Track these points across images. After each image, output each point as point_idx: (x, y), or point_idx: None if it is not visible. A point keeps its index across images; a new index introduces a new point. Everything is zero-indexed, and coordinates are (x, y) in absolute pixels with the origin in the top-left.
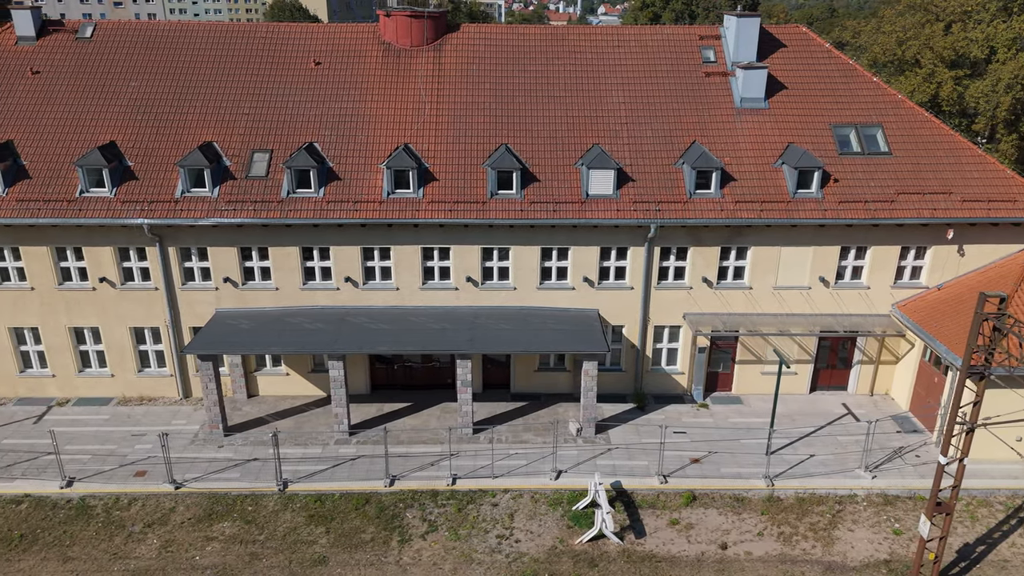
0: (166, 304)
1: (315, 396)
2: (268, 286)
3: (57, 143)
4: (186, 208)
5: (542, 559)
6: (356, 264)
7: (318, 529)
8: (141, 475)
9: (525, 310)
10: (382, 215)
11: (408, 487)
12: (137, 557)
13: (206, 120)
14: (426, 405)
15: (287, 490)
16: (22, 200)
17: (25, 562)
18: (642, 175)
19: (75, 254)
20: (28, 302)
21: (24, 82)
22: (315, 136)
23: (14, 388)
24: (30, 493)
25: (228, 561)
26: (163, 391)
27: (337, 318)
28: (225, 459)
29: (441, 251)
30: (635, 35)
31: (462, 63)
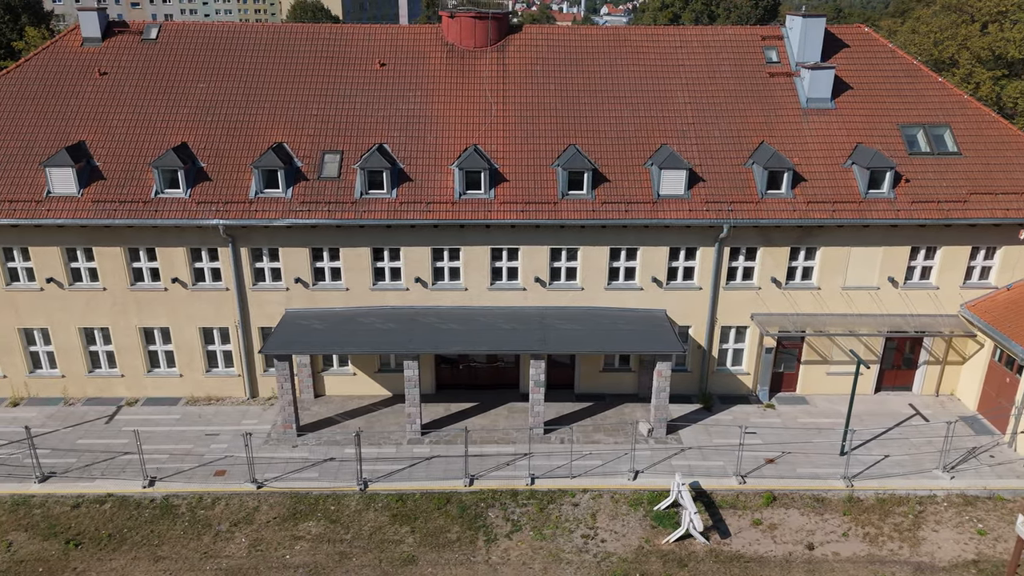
0: (236, 304)
1: (381, 396)
2: (338, 286)
3: (128, 144)
4: (261, 209)
5: (630, 559)
6: (426, 265)
7: (403, 528)
8: (221, 474)
9: (592, 310)
10: (455, 216)
11: (487, 487)
12: (228, 556)
13: (275, 121)
14: (492, 405)
15: (368, 490)
16: (98, 201)
17: (116, 561)
18: (712, 175)
19: (147, 255)
20: (100, 302)
21: (92, 83)
22: (384, 137)
23: (83, 388)
24: (113, 493)
25: (318, 560)
26: (230, 391)
27: (407, 318)
28: (301, 459)
29: (510, 252)
30: (697, 36)
31: (526, 64)
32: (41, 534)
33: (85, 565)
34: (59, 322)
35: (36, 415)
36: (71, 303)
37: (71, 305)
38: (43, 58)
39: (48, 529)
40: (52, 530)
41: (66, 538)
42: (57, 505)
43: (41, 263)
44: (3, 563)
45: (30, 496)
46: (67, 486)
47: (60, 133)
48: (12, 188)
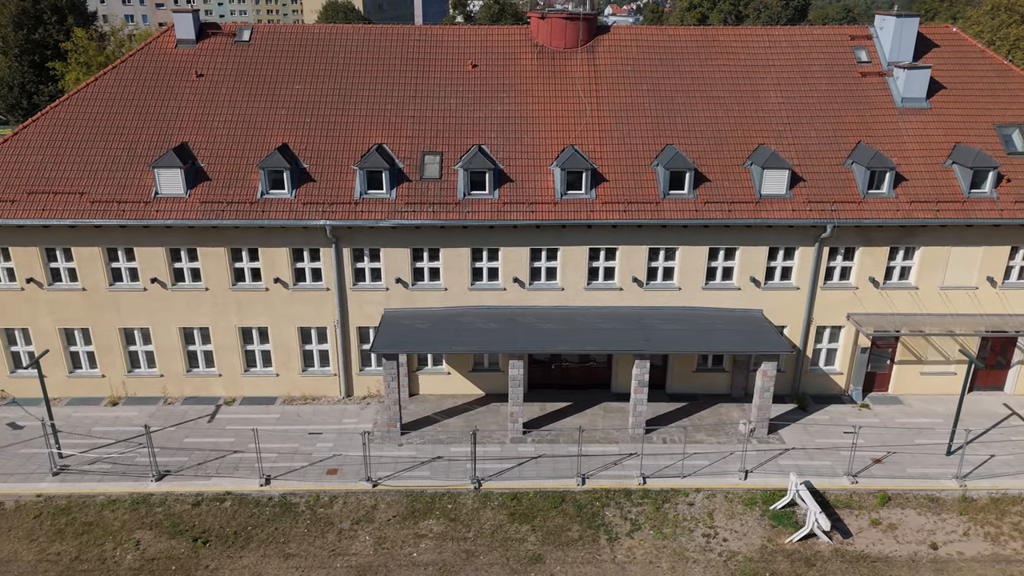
0: (337, 304)
1: (475, 395)
2: (437, 286)
3: (230, 145)
4: (366, 210)
5: (756, 558)
6: (524, 265)
7: (523, 527)
8: (333, 473)
9: (690, 310)
10: (557, 216)
11: (600, 486)
12: (355, 553)
13: (373, 122)
14: (587, 405)
15: (482, 488)
16: (206, 202)
17: (246, 559)
18: (811, 175)
19: (250, 255)
20: (201, 302)
21: (190, 85)
22: (482, 138)
23: (180, 387)
24: (231, 491)
25: (445, 558)
26: (325, 390)
27: (506, 318)
28: (409, 457)
29: (608, 251)
30: (785, 36)
31: (616, 64)
32: (167, 532)
33: (216, 563)
34: (160, 322)
35: (137, 414)
36: (173, 303)
37: (173, 305)
38: (138, 59)
39: (172, 527)
40: (176, 528)
41: (193, 536)
42: (177, 503)
43: (146, 264)
44: (135, 561)
45: (149, 495)
46: (184, 484)
47: (162, 134)
48: (120, 189)
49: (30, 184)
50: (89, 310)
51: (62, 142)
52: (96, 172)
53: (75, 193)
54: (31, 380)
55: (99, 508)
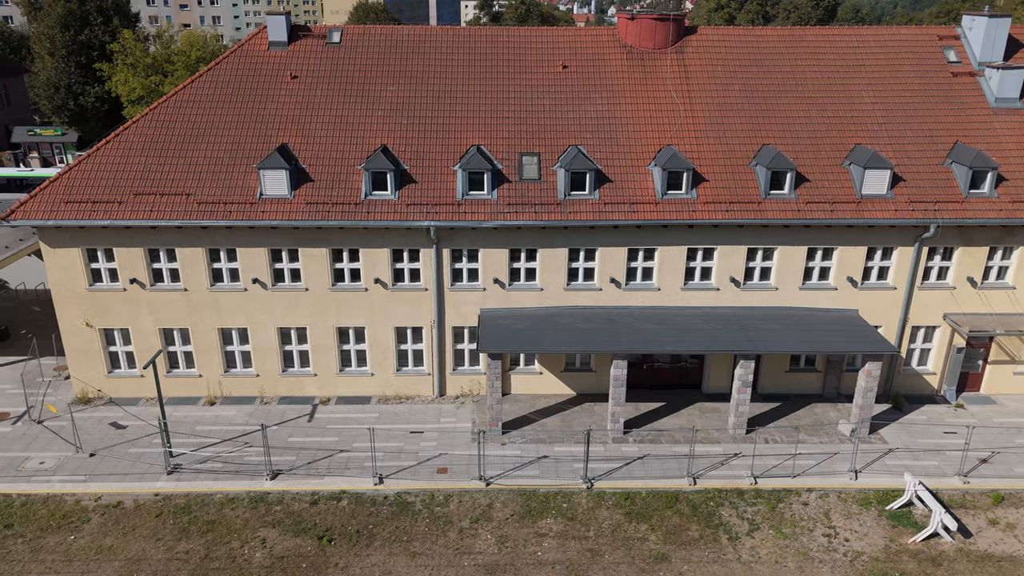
0: (434, 304)
1: (566, 395)
2: (533, 287)
3: (329, 147)
4: (468, 211)
5: (881, 558)
6: (621, 265)
7: (641, 526)
8: (443, 472)
9: (787, 310)
10: (658, 216)
11: (711, 485)
12: (479, 552)
13: (469, 123)
14: (680, 405)
15: (594, 488)
16: (311, 203)
17: (373, 557)
18: (910, 175)
19: (350, 256)
20: (301, 303)
21: (285, 87)
22: (577, 139)
23: (276, 387)
24: (346, 490)
25: (570, 557)
26: (419, 389)
27: (604, 318)
28: (515, 456)
29: (705, 251)
30: (873, 36)
31: (707, 65)
32: (290, 530)
33: (345, 561)
34: (259, 322)
35: (237, 414)
36: (272, 304)
37: (272, 306)
38: (233, 62)
39: (294, 525)
40: (299, 526)
41: (316, 534)
42: (295, 502)
43: (247, 264)
44: (264, 559)
45: (265, 493)
46: (298, 483)
47: (262, 136)
48: (225, 190)
49: (136, 185)
50: (189, 310)
51: (163, 143)
52: (200, 173)
53: (181, 194)
54: (127, 380)
55: (218, 506)
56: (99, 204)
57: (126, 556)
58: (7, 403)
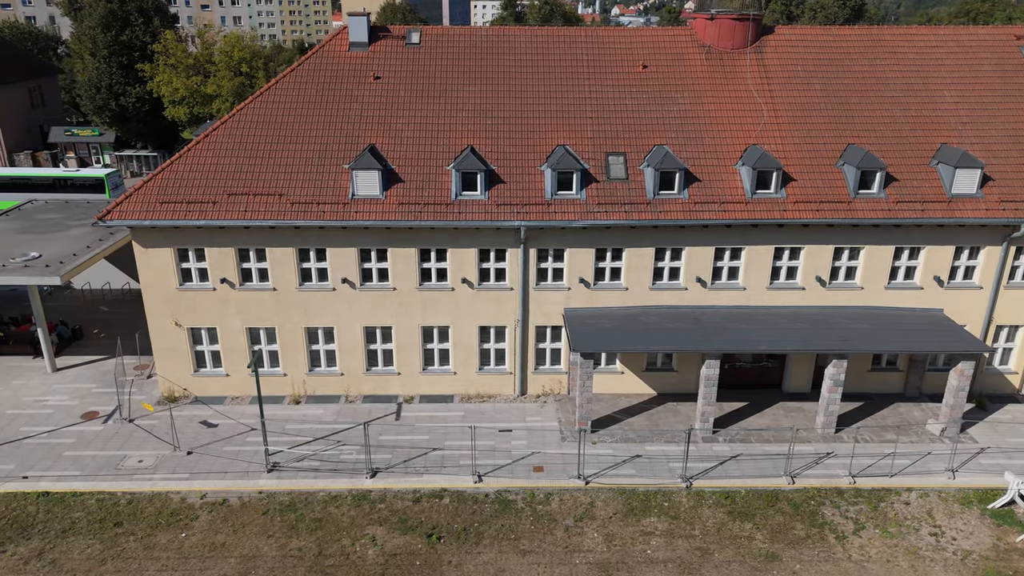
0: (519, 303)
1: (647, 394)
2: (618, 286)
3: (416, 147)
4: (558, 210)
5: (992, 557)
6: (708, 264)
7: (746, 525)
8: (540, 470)
9: (872, 310)
10: (748, 215)
11: (810, 485)
12: (589, 550)
13: (552, 123)
14: (763, 404)
15: (693, 487)
16: (403, 203)
17: (484, 555)
18: (998, 174)
19: (437, 255)
20: (387, 302)
21: (368, 88)
22: (662, 139)
23: (359, 386)
24: (447, 488)
25: (681, 555)
26: (500, 389)
27: (690, 317)
28: (608, 455)
29: (792, 251)
30: (951, 35)
31: (786, 64)
32: (397, 528)
33: (457, 558)
34: (345, 321)
35: (324, 412)
36: (359, 303)
37: (358, 305)
38: (315, 63)
39: (400, 523)
40: (405, 524)
41: (424, 532)
42: (397, 500)
43: (337, 264)
44: (377, 556)
45: (367, 491)
46: (398, 481)
47: (349, 136)
48: (317, 190)
49: (229, 186)
50: (277, 310)
51: (253, 144)
52: (291, 173)
53: (274, 194)
54: (212, 379)
55: (323, 504)
56: (194, 204)
57: (240, 553)
58: (94, 402)
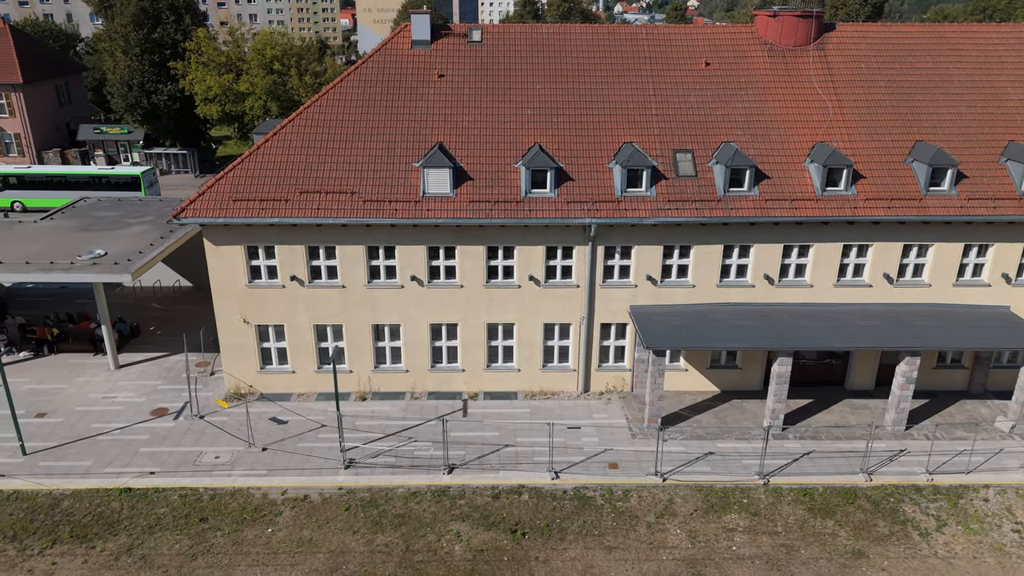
0: (585, 301)
1: (710, 391)
2: (684, 283)
3: (483, 145)
4: (628, 207)
5: None
6: (776, 261)
7: (827, 522)
8: (615, 467)
9: (939, 307)
10: (819, 213)
11: (887, 482)
12: (673, 547)
13: (618, 120)
14: (828, 401)
15: (770, 484)
16: (473, 201)
17: (570, 551)
18: None
19: (504, 253)
20: (454, 299)
21: (432, 86)
22: (729, 136)
23: (424, 383)
24: (524, 484)
25: (766, 552)
26: (563, 386)
27: (760, 315)
28: (681, 452)
29: (860, 248)
30: (1013, 32)
31: (849, 62)
32: (481, 524)
33: (544, 555)
34: (412, 319)
35: (391, 409)
36: (426, 300)
37: (426, 302)
38: (378, 60)
39: (482, 519)
40: (487, 520)
41: (508, 528)
42: (476, 496)
43: (406, 262)
44: (464, 552)
45: (446, 487)
46: (475, 477)
47: (416, 134)
48: (388, 188)
49: (300, 183)
50: (345, 307)
51: (321, 142)
52: (362, 171)
53: (346, 192)
54: (277, 376)
55: (403, 500)
56: (266, 202)
57: (328, 549)
58: (161, 399)
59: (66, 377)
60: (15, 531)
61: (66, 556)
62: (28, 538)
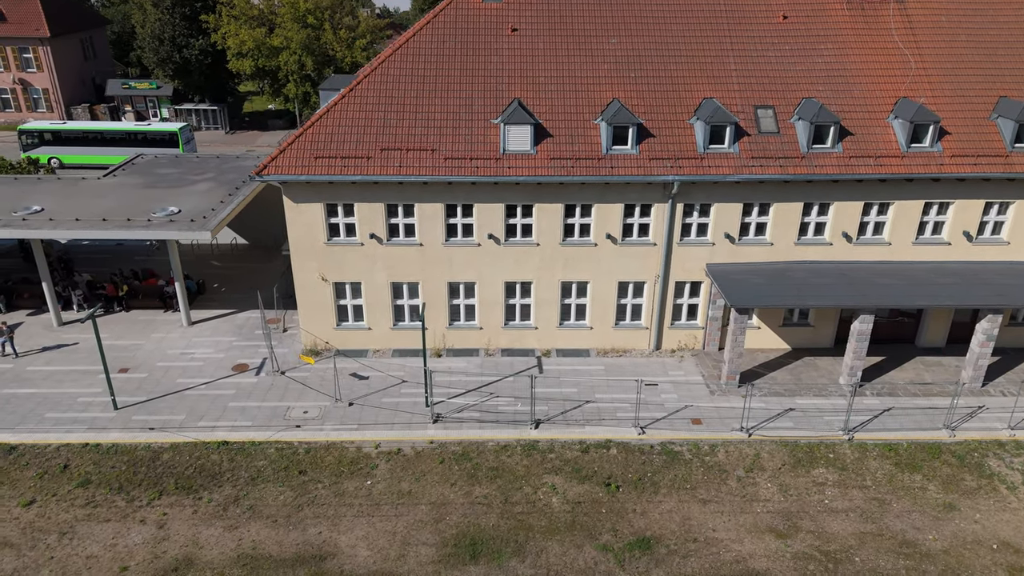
0: (662, 259)
1: (781, 349)
2: (762, 241)
3: (560, 100)
4: (711, 164)
5: None
6: (855, 218)
7: (915, 476)
8: (698, 423)
9: (1015, 265)
10: (904, 170)
11: (969, 437)
12: (767, 500)
13: (697, 76)
14: (900, 359)
15: (854, 439)
16: (555, 158)
17: (665, 504)
18: None
19: (582, 211)
20: (530, 257)
21: (506, 40)
22: (810, 91)
23: (498, 340)
24: (611, 439)
25: (858, 505)
26: (635, 343)
27: (837, 273)
28: (761, 408)
29: (940, 205)
30: None
31: (930, 15)
32: (573, 477)
33: (641, 507)
34: (487, 276)
35: (467, 365)
36: (502, 258)
37: (501, 260)
38: (449, 14)
39: (574, 473)
40: (579, 474)
41: (601, 481)
42: (565, 450)
43: (484, 220)
44: (562, 503)
45: (535, 441)
46: (561, 432)
47: (492, 90)
48: (468, 145)
49: (380, 141)
50: (422, 265)
51: (398, 98)
52: (441, 128)
53: (427, 149)
54: (353, 333)
55: (495, 454)
56: (348, 160)
57: (428, 500)
58: (239, 355)
59: (141, 333)
60: (120, 483)
61: (175, 507)
62: (134, 489)
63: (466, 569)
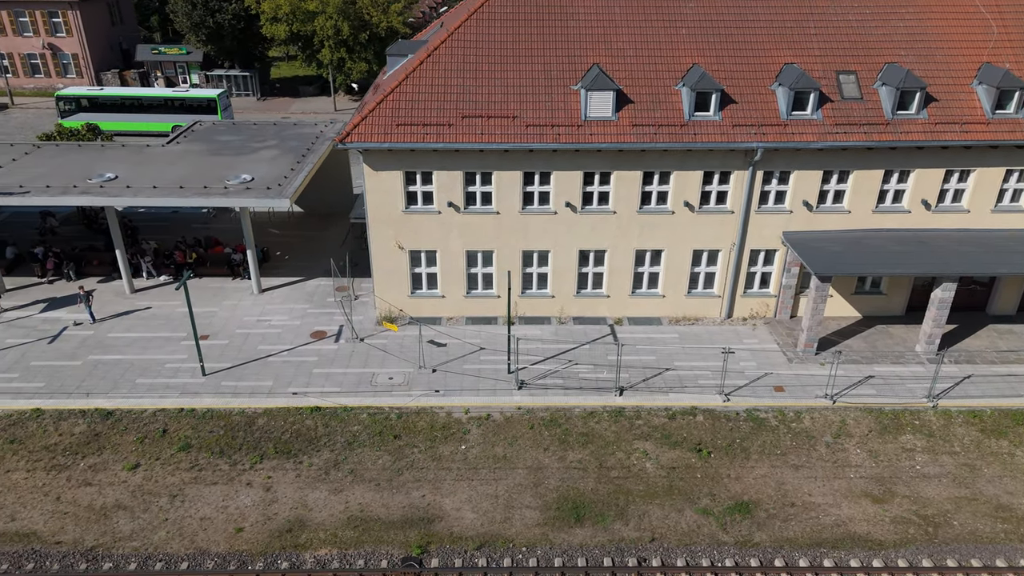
0: (739, 227)
1: (853, 317)
2: (839, 208)
3: (639, 66)
4: (794, 131)
5: None
6: (935, 186)
7: (1002, 442)
8: (780, 390)
9: None
10: (990, 136)
11: None
12: (858, 465)
13: (776, 40)
14: (971, 326)
15: (939, 406)
16: (637, 125)
17: (758, 469)
18: None
19: (660, 178)
20: (606, 226)
21: (583, 4)
22: (892, 56)
23: (569, 308)
24: (696, 406)
25: (950, 471)
26: (707, 311)
27: (916, 240)
28: (841, 376)
29: (1021, 173)
30: None
31: None
32: (664, 443)
33: (734, 472)
34: (562, 245)
35: (541, 332)
36: (578, 227)
37: (577, 228)
38: None
39: (664, 439)
40: (669, 440)
41: (692, 447)
42: (652, 416)
43: (561, 188)
44: (656, 468)
45: (621, 408)
46: (645, 399)
47: (571, 56)
48: (549, 112)
49: (461, 108)
50: (498, 233)
51: (475, 64)
52: (520, 95)
53: (508, 116)
54: (427, 300)
55: (582, 420)
56: (430, 127)
57: (524, 464)
58: (314, 322)
59: (213, 300)
60: (221, 447)
61: (278, 471)
62: (235, 453)
63: (572, 531)
